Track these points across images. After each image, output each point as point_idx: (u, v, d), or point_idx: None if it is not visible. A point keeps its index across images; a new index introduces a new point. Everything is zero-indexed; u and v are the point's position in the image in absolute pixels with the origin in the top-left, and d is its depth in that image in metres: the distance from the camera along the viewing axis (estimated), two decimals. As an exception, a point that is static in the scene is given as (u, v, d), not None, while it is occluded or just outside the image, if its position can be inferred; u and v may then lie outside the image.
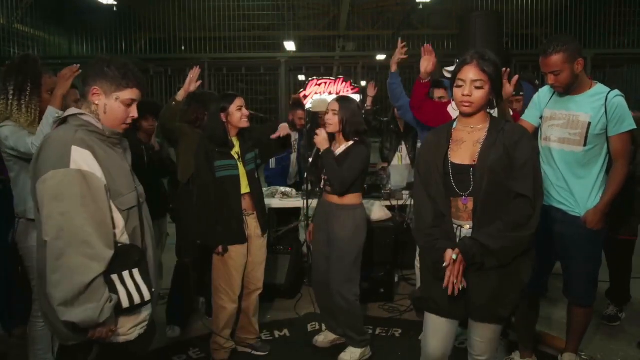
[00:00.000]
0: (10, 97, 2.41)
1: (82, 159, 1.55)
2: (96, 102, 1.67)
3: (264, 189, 4.13)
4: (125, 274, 1.61)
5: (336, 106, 2.87)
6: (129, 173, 1.75)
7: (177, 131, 3.25)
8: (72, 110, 1.67)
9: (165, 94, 7.75)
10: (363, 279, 3.88)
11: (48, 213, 1.49)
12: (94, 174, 1.56)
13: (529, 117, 2.72)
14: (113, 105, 1.68)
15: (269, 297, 3.88)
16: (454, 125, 2.01)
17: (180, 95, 3.16)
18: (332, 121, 2.87)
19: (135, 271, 1.64)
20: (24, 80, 2.42)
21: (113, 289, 1.58)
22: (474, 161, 1.88)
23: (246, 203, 2.92)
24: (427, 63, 2.95)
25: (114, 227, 1.62)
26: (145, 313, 1.70)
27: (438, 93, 3.53)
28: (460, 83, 1.88)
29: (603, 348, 3.16)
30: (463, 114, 1.94)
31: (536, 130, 2.70)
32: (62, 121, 1.66)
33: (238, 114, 2.87)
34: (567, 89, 2.49)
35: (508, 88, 2.57)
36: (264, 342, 3.23)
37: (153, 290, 1.69)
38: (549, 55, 2.41)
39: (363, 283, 3.84)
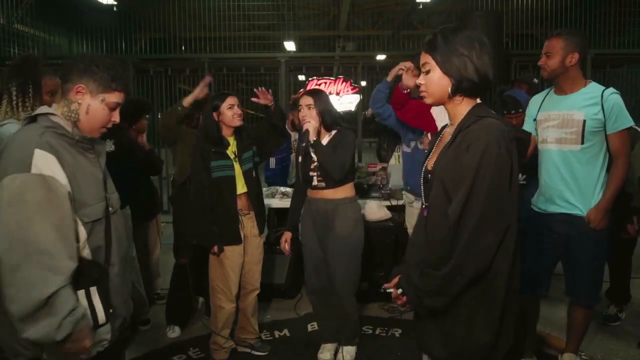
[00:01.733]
0: (14, 99, 2.41)
1: (44, 163, 1.41)
2: (79, 101, 1.55)
3: (264, 189, 4.13)
4: (81, 293, 1.47)
5: (310, 100, 2.83)
6: (100, 181, 1.60)
7: (175, 133, 3.26)
8: (43, 109, 1.55)
9: (165, 94, 7.75)
10: (363, 279, 3.89)
11: (5, 221, 1.35)
12: (57, 179, 1.42)
13: (528, 129, 2.76)
14: (97, 106, 1.57)
15: (269, 297, 3.88)
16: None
17: (187, 102, 3.15)
18: (311, 115, 2.82)
19: (93, 290, 1.49)
20: (25, 82, 2.41)
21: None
22: (432, 167, 1.60)
23: (242, 203, 2.91)
24: (407, 81, 2.93)
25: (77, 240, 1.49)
26: (106, 332, 1.58)
27: None
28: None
29: (603, 348, 3.16)
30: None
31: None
32: (32, 120, 1.54)
33: (229, 112, 2.85)
34: (552, 76, 2.52)
35: None
36: (264, 342, 3.23)
37: (111, 311, 1.56)
38: (551, 37, 2.50)
39: (363, 283, 3.85)
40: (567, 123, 2.50)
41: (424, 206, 1.64)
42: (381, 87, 3.24)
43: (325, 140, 2.86)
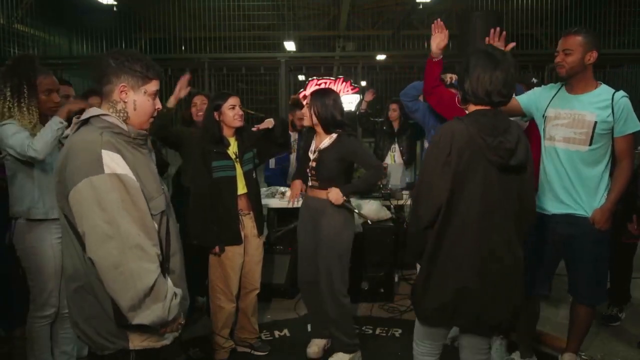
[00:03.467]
0: (9, 99, 2.39)
1: (114, 162, 1.47)
2: (125, 100, 1.58)
3: (264, 189, 4.13)
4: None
5: (309, 99, 2.87)
6: (156, 175, 1.66)
7: (175, 138, 3.22)
8: (94, 111, 1.56)
9: (165, 94, 7.75)
10: (363, 279, 3.88)
11: (92, 224, 1.42)
12: (129, 176, 1.49)
13: (521, 100, 2.71)
14: (142, 99, 1.60)
15: (269, 297, 3.88)
16: None
17: (171, 102, 3.10)
18: (306, 114, 2.87)
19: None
20: (20, 82, 2.38)
21: None
22: None
23: (242, 203, 2.91)
24: (439, 39, 2.82)
25: None
26: (182, 317, 1.66)
27: None
28: None
29: (603, 348, 3.16)
30: None
31: (519, 113, 2.71)
32: (83, 123, 1.55)
33: (230, 112, 2.84)
34: (570, 75, 2.48)
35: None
36: (264, 342, 3.23)
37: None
38: (569, 34, 2.45)
39: (363, 283, 3.86)
40: (577, 123, 2.49)
41: None
42: (418, 86, 3.25)
43: (325, 144, 2.85)
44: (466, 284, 1.86)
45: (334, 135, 2.84)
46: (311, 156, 2.91)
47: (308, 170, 2.90)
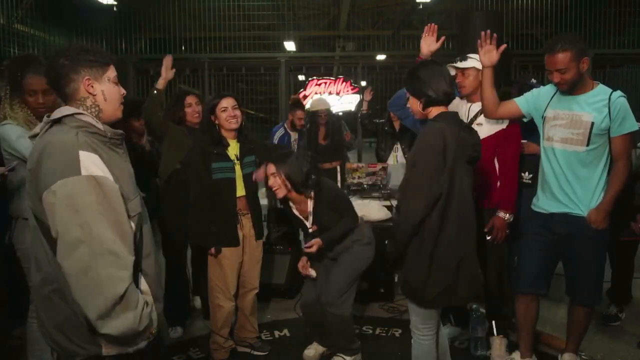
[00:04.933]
0: (3, 100, 2.46)
1: (92, 163, 1.40)
2: (94, 93, 1.51)
3: (264, 189, 4.13)
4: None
5: (273, 168, 2.69)
6: (132, 176, 1.60)
7: (161, 127, 3.23)
8: (68, 110, 1.48)
9: (165, 93, 7.76)
10: (363, 278, 3.88)
11: (64, 227, 1.35)
12: (107, 177, 1.42)
13: (519, 101, 2.70)
14: (108, 87, 1.54)
15: (269, 297, 3.88)
16: None
17: (160, 84, 3.16)
18: (276, 184, 2.69)
19: (141, 279, 1.57)
20: (7, 83, 2.45)
21: None
22: None
23: (241, 204, 2.91)
24: (429, 41, 2.77)
25: None
26: (155, 320, 1.58)
27: None
28: None
29: (603, 348, 3.16)
30: None
31: (519, 115, 2.71)
32: (55, 122, 1.48)
33: (223, 115, 2.81)
34: (572, 87, 2.48)
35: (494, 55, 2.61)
36: (264, 342, 3.23)
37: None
38: (556, 53, 2.40)
39: (363, 283, 3.85)
40: (574, 124, 2.49)
41: None
42: (402, 94, 3.26)
43: (311, 206, 2.79)
44: (463, 261, 2.13)
45: (312, 194, 2.77)
46: (308, 224, 2.86)
47: (314, 235, 2.84)
